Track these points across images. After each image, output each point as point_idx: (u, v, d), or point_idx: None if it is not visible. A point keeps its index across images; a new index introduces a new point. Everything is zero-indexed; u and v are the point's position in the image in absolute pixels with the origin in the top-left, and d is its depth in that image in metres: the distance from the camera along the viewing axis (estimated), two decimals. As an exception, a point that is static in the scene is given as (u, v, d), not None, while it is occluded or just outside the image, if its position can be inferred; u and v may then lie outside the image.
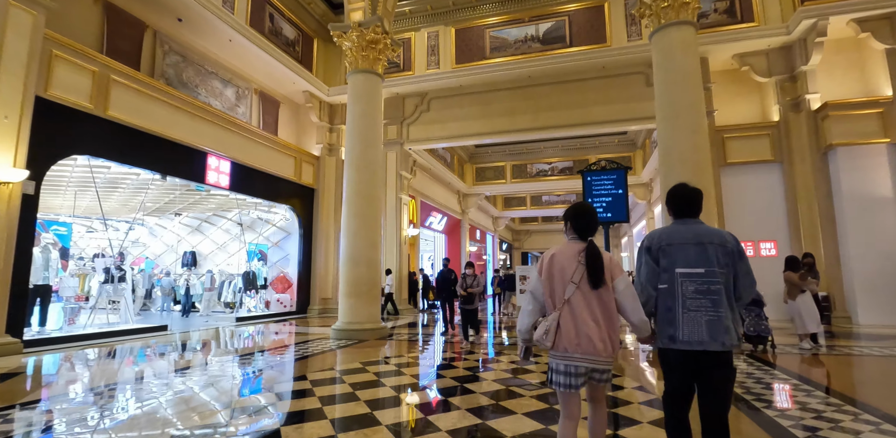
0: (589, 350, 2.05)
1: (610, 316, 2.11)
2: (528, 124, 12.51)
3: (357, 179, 8.19)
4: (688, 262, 2.15)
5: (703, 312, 2.10)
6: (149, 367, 5.68)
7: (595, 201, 7.03)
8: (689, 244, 2.17)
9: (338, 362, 5.87)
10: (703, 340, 2.07)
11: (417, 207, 15.25)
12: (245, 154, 11.14)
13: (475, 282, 7.21)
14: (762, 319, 6.28)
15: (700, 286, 2.12)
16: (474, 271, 7.42)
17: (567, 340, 2.08)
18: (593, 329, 2.06)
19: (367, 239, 8.04)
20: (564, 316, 2.10)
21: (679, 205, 2.35)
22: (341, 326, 7.86)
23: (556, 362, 2.13)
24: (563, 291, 2.13)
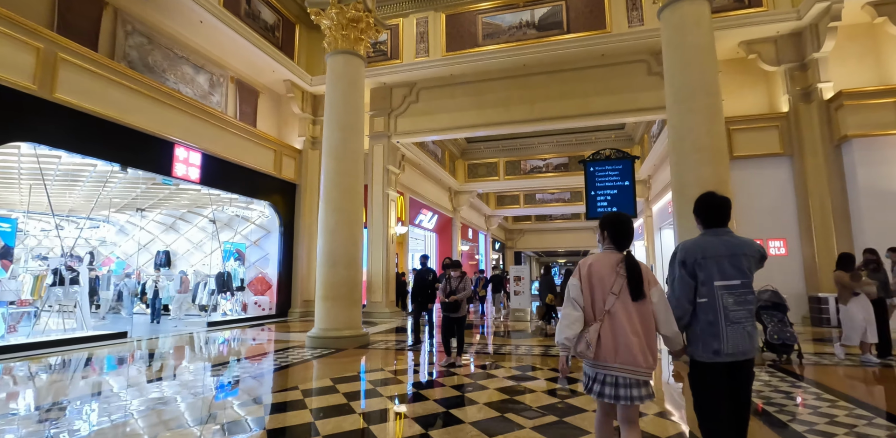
0: (629, 361, 2.04)
1: (649, 327, 2.10)
2: (524, 115, 11.80)
3: (336, 170, 7.43)
4: (724, 275, 2.16)
5: (744, 323, 2.13)
6: (80, 384, 4.87)
7: (598, 194, 6.32)
8: (724, 256, 2.18)
9: (305, 378, 5.10)
10: (747, 350, 2.13)
11: (406, 204, 14.49)
12: (219, 145, 10.31)
13: (461, 285, 5.82)
14: (786, 325, 5.61)
15: (738, 298, 2.15)
16: (461, 272, 6.00)
17: (607, 351, 2.06)
18: (633, 340, 2.04)
19: (347, 237, 7.28)
20: (605, 328, 2.09)
21: (709, 214, 2.32)
22: (317, 333, 7.09)
23: (596, 371, 2.12)
24: (603, 302, 2.11)
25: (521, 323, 10.95)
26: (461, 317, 5.90)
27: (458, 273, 5.98)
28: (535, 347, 7.10)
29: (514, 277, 11.58)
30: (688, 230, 5.92)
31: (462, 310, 5.86)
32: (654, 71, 10.95)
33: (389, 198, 12.65)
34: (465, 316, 5.94)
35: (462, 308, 5.85)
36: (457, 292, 5.83)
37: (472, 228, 22.92)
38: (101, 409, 3.86)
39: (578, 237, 30.46)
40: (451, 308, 5.85)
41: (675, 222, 6.19)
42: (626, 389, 2.06)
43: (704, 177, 5.85)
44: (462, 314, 5.88)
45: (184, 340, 8.20)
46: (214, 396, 4.34)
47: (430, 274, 7.12)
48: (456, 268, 5.99)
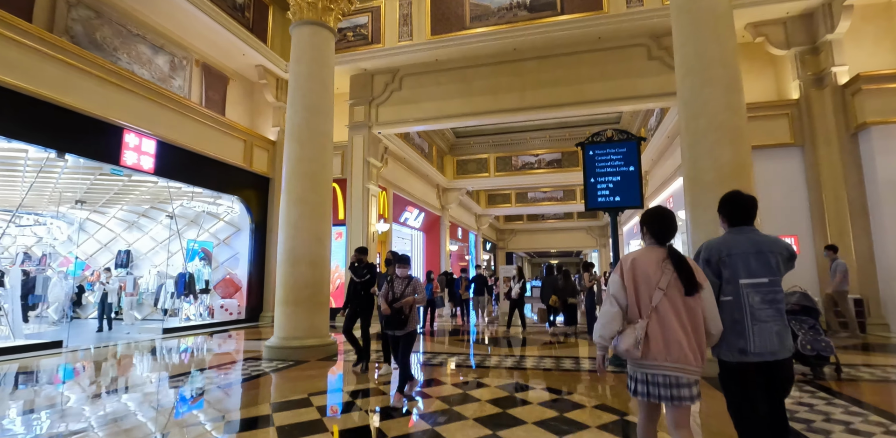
0: (680, 358, 1.95)
1: (697, 324, 2.01)
2: (514, 104, 10.94)
3: (298, 156, 6.51)
4: (750, 272, 2.11)
5: (772, 322, 2.07)
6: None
7: (599, 181, 5.46)
8: (750, 253, 2.13)
9: (246, 402, 4.17)
10: (775, 350, 2.06)
11: (389, 200, 13.58)
12: (178, 133, 9.33)
13: (409, 289, 4.27)
14: (820, 333, 4.78)
15: (766, 296, 2.09)
16: (406, 270, 4.40)
17: (656, 349, 1.98)
18: (683, 337, 1.97)
19: (311, 232, 6.36)
20: (653, 325, 2.00)
21: (735, 212, 2.25)
22: (276, 343, 6.16)
23: (643, 371, 2.03)
24: (649, 298, 2.03)
25: (512, 327, 10.06)
26: (407, 335, 4.30)
27: (405, 272, 4.38)
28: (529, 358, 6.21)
29: (504, 278, 10.71)
30: (703, 223, 5.09)
31: (410, 325, 4.29)
32: (654, 55, 10.16)
33: (370, 193, 11.73)
34: (412, 332, 4.35)
35: (410, 321, 4.27)
36: (402, 296, 4.24)
37: (462, 227, 22.04)
38: None
39: (571, 237, 29.72)
40: (392, 321, 4.21)
41: (687, 214, 5.35)
42: (676, 389, 1.96)
43: (723, 161, 5.02)
44: (409, 330, 4.30)
45: (123, 350, 7.21)
46: (132, 424, 3.40)
47: (367, 272, 5.51)
48: (403, 265, 4.38)
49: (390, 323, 4.28)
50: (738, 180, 4.99)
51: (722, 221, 2.27)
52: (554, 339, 8.19)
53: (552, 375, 5.09)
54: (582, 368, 5.46)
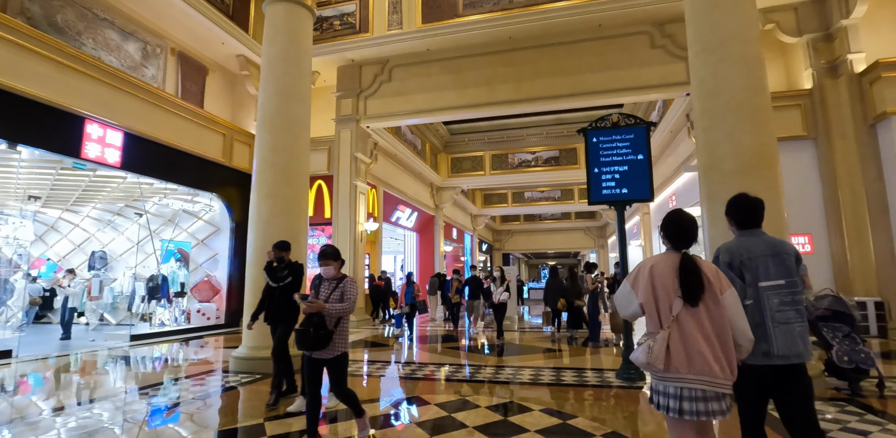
0: (704, 370, 1.80)
1: (723, 334, 1.85)
2: (510, 96, 10.36)
3: (271, 145, 5.88)
4: (768, 275, 2.08)
5: (795, 324, 2.03)
6: None
7: (604, 172, 4.86)
8: (767, 256, 2.11)
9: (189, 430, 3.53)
10: (800, 352, 2.01)
11: (379, 198, 12.95)
12: (149, 125, 8.68)
13: (336, 294, 3.03)
14: (857, 343, 4.18)
15: (784, 298, 2.05)
16: (332, 268, 3.11)
17: (678, 360, 1.84)
18: (706, 348, 1.82)
19: (285, 229, 5.73)
20: (674, 336, 1.87)
21: (745, 215, 2.23)
22: (243, 353, 5.52)
23: (665, 384, 1.89)
24: (669, 308, 1.90)
25: (507, 333, 9.44)
26: (335, 361, 3.01)
27: (332, 271, 3.10)
28: (528, 370, 5.58)
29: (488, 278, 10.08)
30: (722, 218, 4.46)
31: (336, 345, 2.98)
32: (657, 43, 9.60)
33: (358, 190, 11.11)
34: (342, 355, 3.05)
35: (337, 342, 2.99)
36: (336, 312, 2.95)
37: (457, 228, 21.43)
38: None
39: (569, 238, 29.16)
40: (304, 338, 2.90)
41: (703, 209, 4.76)
42: (703, 403, 1.82)
43: (744, 146, 4.43)
44: (337, 352, 3.00)
45: (77, 361, 6.55)
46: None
47: (286, 274, 4.32)
48: (326, 262, 3.09)
49: (302, 342, 2.91)
50: (761, 168, 4.40)
51: (730, 224, 2.25)
52: (555, 346, 7.59)
53: (553, 392, 4.48)
54: (587, 382, 4.85)
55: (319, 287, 3.13)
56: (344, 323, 3.06)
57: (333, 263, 3.13)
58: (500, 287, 8.61)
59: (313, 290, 3.13)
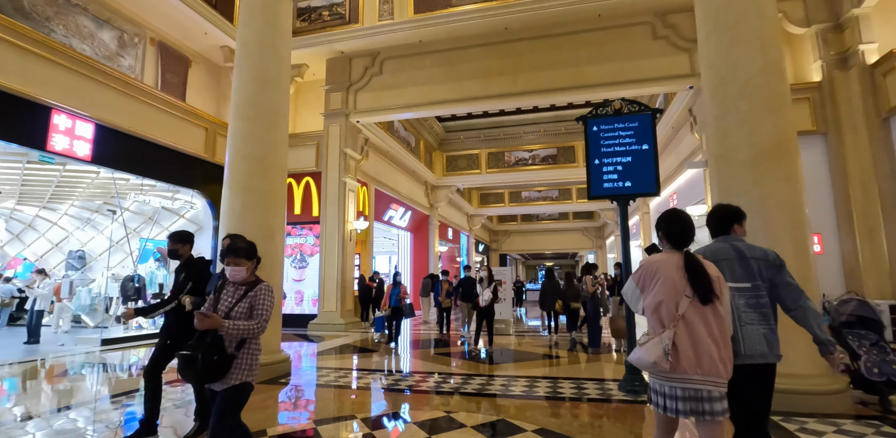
0: (711, 371, 1.80)
1: (725, 332, 1.89)
2: (505, 89, 9.92)
3: (244, 134, 5.43)
4: (735, 277, 2.16)
5: (757, 325, 2.11)
6: None
7: (606, 163, 4.43)
8: (734, 259, 2.20)
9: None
10: (765, 352, 2.09)
11: (370, 196, 12.50)
12: (124, 117, 8.21)
13: (243, 305, 2.27)
14: (888, 352, 3.75)
15: (749, 300, 2.14)
16: (243, 269, 2.34)
17: (686, 361, 1.82)
18: (713, 347, 1.82)
19: (259, 226, 5.28)
20: (680, 335, 1.85)
21: (714, 224, 2.38)
22: (212, 360, 5.03)
23: (670, 385, 1.86)
24: (675, 306, 1.88)
25: (502, 337, 9.00)
26: (229, 392, 2.21)
27: (247, 274, 2.37)
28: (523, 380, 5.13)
29: (494, 281, 9.63)
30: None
31: (236, 374, 2.20)
32: (659, 34, 9.19)
33: (347, 187, 10.65)
34: (241, 386, 2.23)
35: (237, 369, 2.21)
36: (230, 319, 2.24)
37: (453, 228, 20.98)
38: None
39: (567, 238, 28.76)
40: (193, 366, 2.12)
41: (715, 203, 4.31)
42: (708, 403, 1.80)
43: (761, 135, 4.01)
44: (234, 382, 2.20)
45: (39, 367, 6.07)
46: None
47: (182, 275, 3.43)
48: (235, 260, 2.32)
49: (185, 370, 2.14)
50: (781, 158, 3.98)
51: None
52: (553, 352, 7.15)
53: (549, 407, 4.03)
54: (586, 395, 4.40)
55: (221, 291, 2.30)
56: (251, 345, 2.25)
57: (246, 263, 2.29)
58: (484, 288, 7.65)
59: (212, 295, 2.35)
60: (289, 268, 10.97)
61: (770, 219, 3.89)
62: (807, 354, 3.74)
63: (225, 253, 2.36)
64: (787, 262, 4.00)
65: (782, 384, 3.67)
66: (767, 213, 3.90)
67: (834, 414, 3.49)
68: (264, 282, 2.38)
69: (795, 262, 3.87)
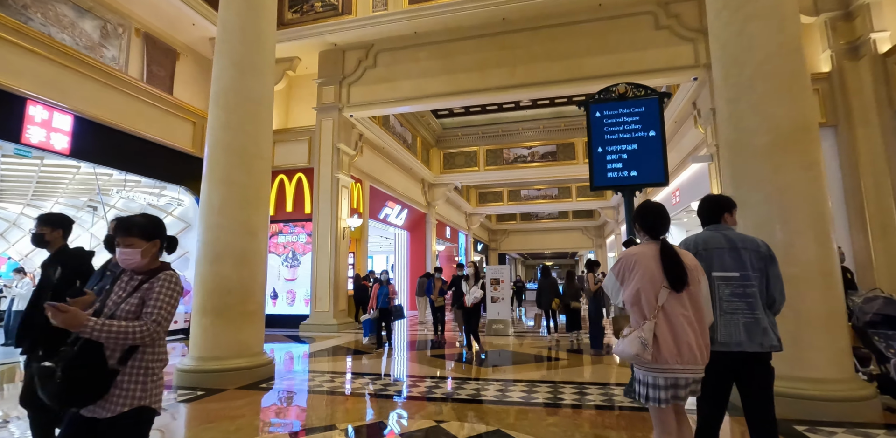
0: (691, 359, 1.86)
1: (703, 321, 1.94)
2: (502, 81, 9.61)
3: (224, 124, 5.11)
4: (723, 266, 2.19)
5: (739, 314, 2.13)
6: None
7: (609, 151, 4.12)
8: (724, 249, 2.21)
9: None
10: (741, 341, 2.10)
11: (364, 193, 12.17)
12: (106, 109, 7.89)
13: (132, 302, 1.65)
14: (919, 354, 3.43)
15: (735, 289, 2.16)
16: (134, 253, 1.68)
17: (668, 351, 1.85)
18: (692, 336, 1.87)
19: (239, 221, 4.96)
20: (661, 326, 1.88)
21: (706, 213, 2.39)
22: (189, 365, 4.73)
23: (654, 376, 1.89)
24: (654, 297, 1.91)
25: (500, 338, 8.68)
26: (117, 421, 1.58)
27: (144, 259, 1.71)
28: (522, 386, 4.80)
29: (492, 280, 9.33)
30: (753, 203, 3.77)
31: (124, 397, 1.59)
32: (661, 24, 8.88)
33: (340, 184, 10.32)
34: (133, 414, 1.60)
35: (125, 389, 1.60)
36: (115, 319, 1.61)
37: (451, 227, 20.66)
38: None
39: (566, 237, 28.45)
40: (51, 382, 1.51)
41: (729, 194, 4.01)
42: (685, 389, 1.90)
43: (779, 118, 3.70)
44: (123, 408, 1.58)
45: (14, 372, 5.75)
46: None
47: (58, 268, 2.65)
48: (132, 239, 1.70)
49: (44, 387, 1.53)
50: (800, 144, 3.67)
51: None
52: (553, 353, 6.83)
53: (548, 416, 3.71)
54: (589, 401, 4.08)
55: (113, 283, 1.75)
56: (146, 355, 1.65)
57: (141, 243, 1.69)
58: (473, 286, 6.93)
59: (94, 287, 1.80)
60: (281, 267, 10.65)
61: (790, 210, 3.58)
62: (830, 357, 3.43)
63: (116, 228, 1.74)
64: (809, 257, 3.71)
65: (805, 390, 3.36)
66: (787, 204, 3.59)
67: (863, 423, 3.17)
68: (169, 271, 1.75)
69: (818, 256, 3.56)
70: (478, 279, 6.99)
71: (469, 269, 7.22)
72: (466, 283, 7.02)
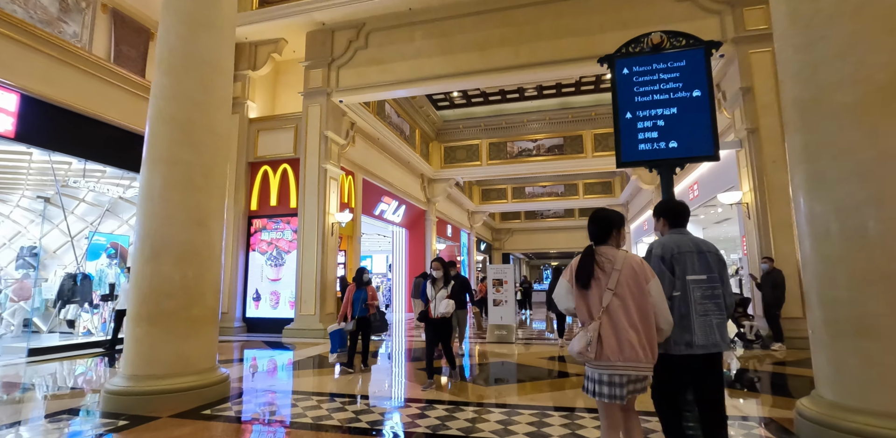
0: (632, 357, 1.97)
1: (648, 321, 2.03)
2: (506, 61, 8.70)
3: (169, 92, 4.23)
4: (694, 270, 2.28)
5: (711, 316, 2.24)
6: None
7: (640, 117, 3.21)
8: (693, 252, 2.32)
9: None
10: (717, 342, 2.22)
11: (357, 187, 11.28)
12: (63, 89, 7.06)
13: None
14: None
15: (705, 291, 2.26)
16: None
17: (610, 349, 1.99)
18: (633, 336, 1.98)
19: (183, 209, 4.08)
20: (604, 325, 2.01)
21: (675, 217, 2.47)
22: (118, 385, 3.84)
23: (599, 372, 2.03)
24: (599, 300, 2.05)
25: (503, 346, 7.76)
26: None
27: None
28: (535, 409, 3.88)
29: (495, 281, 8.42)
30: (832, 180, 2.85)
31: None
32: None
33: (329, 175, 9.43)
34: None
35: None
36: None
37: (453, 225, 19.75)
38: None
39: (573, 237, 27.42)
40: None
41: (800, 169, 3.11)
42: (631, 385, 2.00)
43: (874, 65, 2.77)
44: None
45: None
46: None
47: None
48: None
49: None
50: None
51: (664, 224, 2.46)
52: (566, 366, 5.91)
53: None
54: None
55: None
56: None
57: None
58: (440, 290, 4.77)
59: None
60: (264, 266, 9.79)
61: (889, 189, 2.65)
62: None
63: None
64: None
65: (882, 429, 2.46)
66: (886, 178, 2.66)
67: None
68: None
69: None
70: (448, 281, 4.81)
71: (435, 271, 4.87)
72: (433, 287, 4.82)
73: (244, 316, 9.68)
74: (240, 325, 9.50)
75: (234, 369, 5.85)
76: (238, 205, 9.76)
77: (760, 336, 6.91)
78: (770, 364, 6.03)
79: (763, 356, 6.47)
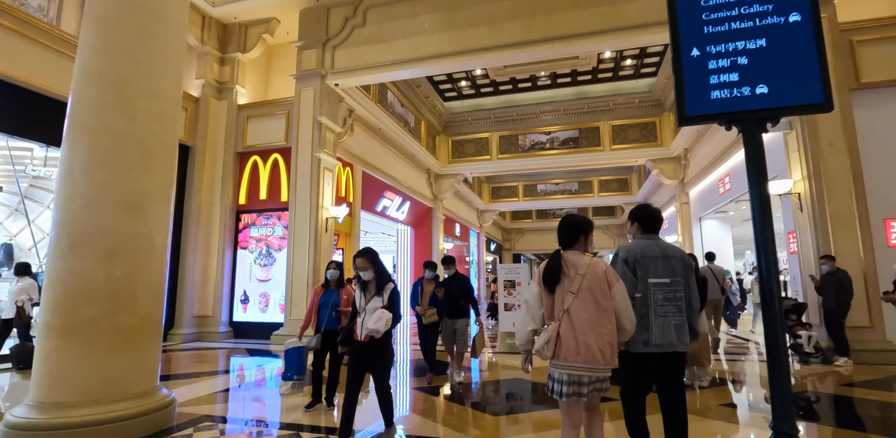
0: (589, 358, 2.04)
1: (609, 323, 2.10)
2: (518, 36, 7.76)
3: (97, 44, 3.38)
4: (657, 273, 2.38)
5: (670, 317, 2.32)
6: None
7: (711, 54, 2.25)
8: (658, 257, 2.41)
9: None
10: (673, 342, 2.31)
11: (356, 179, 10.41)
12: (20, 68, 6.29)
13: None
14: None
15: (667, 294, 2.35)
16: None
17: (567, 349, 2.07)
18: (592, 337, 2.06)
19: (115, 191, 3.22)
20: (564, 326, 2.10)
21: (648, 222, 2.57)
22: (19, 416, 2.97)
23: (559, 372, 2.11)
24: (561, 301, 2.14)
25: (515, 357, 6.80)
26: None
27: None
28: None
29: (506, 282, 7.47)
30: None
31: None
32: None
33: (323, 165, 8.57)
34: None
35: None
36: None
37: (461, 224, 18.82)
38: None
39: (586, 237, 26.37)
40: None
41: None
42: (589, 385, 2.07)
43: None
44: None
45: None
46: None
47: None
48: None
49: None
50: None
51: (637, 229, 2.58)
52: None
53: None
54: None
55: None
56: None
57: None
58: (369, 299, 3.08)
59: None
60: (253, 266, 8.95)
61: None
62: None
63: None
64: None
65: None
66: None
67: None
68: None
69: None
70: (380, 289, 3.09)
71: (363, 271, 3.11)
72: (363, 296, 3.11)
73: (230, 321, 8.85)
74: (226, 330, 8.67)
75: (202, 385, 4.99)
76: (225, 198, 8.93)
77: (821, 348, 5.88)
78: (833, 383, 5.02)
79: (825, 373, 5.45)
